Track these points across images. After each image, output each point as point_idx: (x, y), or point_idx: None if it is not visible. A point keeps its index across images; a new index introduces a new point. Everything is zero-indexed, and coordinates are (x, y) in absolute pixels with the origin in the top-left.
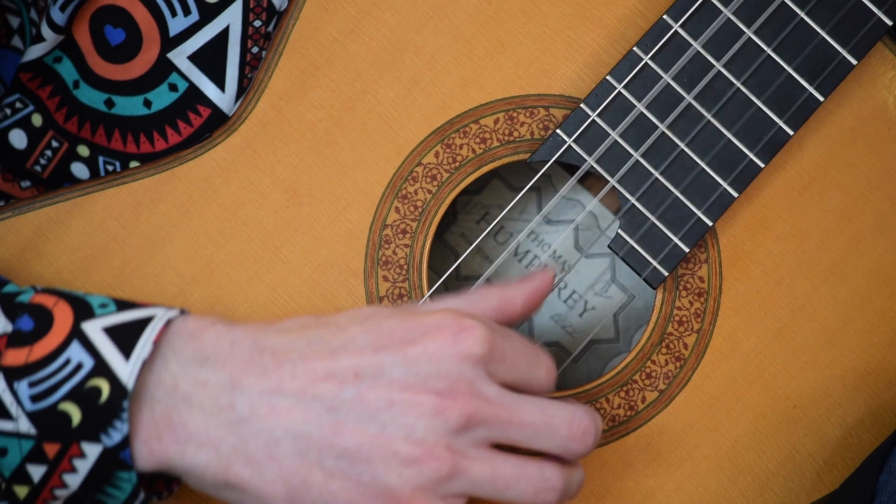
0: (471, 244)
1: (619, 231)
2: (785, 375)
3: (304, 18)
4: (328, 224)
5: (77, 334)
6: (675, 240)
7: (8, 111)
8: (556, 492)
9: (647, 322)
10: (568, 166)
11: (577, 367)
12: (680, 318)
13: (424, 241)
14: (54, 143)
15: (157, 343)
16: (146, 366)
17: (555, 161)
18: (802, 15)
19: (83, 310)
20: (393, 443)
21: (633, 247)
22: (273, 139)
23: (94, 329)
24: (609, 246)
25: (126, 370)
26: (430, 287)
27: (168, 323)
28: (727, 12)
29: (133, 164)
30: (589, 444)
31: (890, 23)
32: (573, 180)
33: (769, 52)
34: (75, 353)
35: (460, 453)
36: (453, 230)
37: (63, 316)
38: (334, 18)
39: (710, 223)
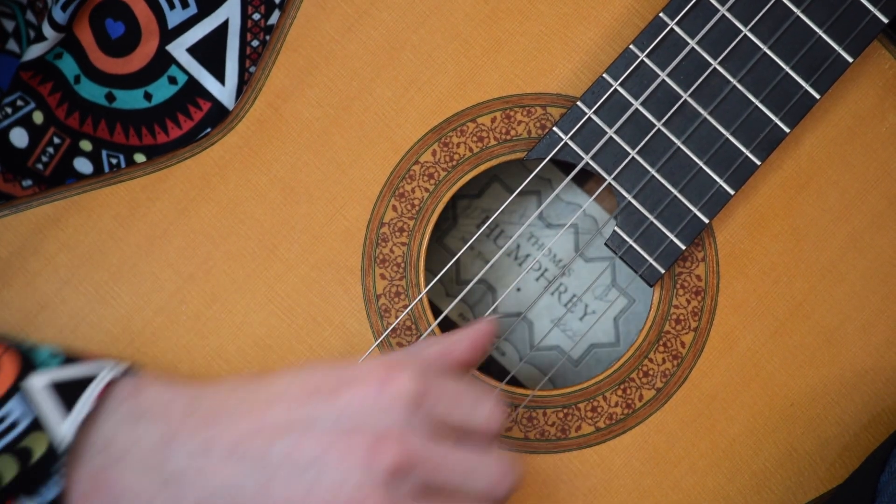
0: (471, 248)
1: (616, 229)
2: (782, 374)
3: (302, 17)
4: (325, 222)
5: (19, 388)
6: (672, 237)
7: (9, 110)
8: None
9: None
10: (566, 167)
11: (577, 370)
12: (677, 317)
13: (422, 240)
14: (56, 140)
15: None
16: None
17: (552, 160)
18: (798, 13)
19: (29, 361)
20: (326, 496)
21: (630, 245)
22: (270, 138)
23: (37, 384)
24: (606, 244)
25: (63, 429)
26: (426, 285)
27: (112, 382)
28: (723, 10)
29: (137, 155)
30: (506, 489)
31: (886, 20)
32: (569, 177)
33: (765, 49)
34: (15, 408)
35: (394, 501)
36: (454, 234)
37: (7, 368)
38: (332, 17)
39: (706, 220)
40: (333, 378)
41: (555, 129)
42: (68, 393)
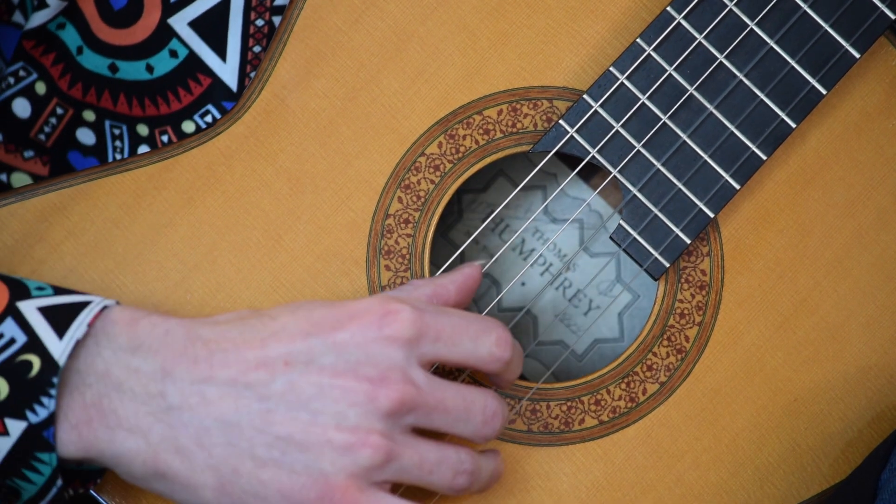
0: (476, 242)
1: (621, 222)
2: (786, 369)
3: (309, 8)
4: (331, 213)
5: (12, 311)
6: (677, 231)
7: (11, 80)
8: (468, 475)
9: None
10: (572, 162)
11: (581, 365)
12: (682, 311)
13: (427, 231)
14: (59, 111)
15: (92, 328)
16: (80, 351)
17: (557, 153)
18: (806, 8)
19: (19, 290)
20: (326, 430)
21: (635, 238)
22: (276, 128)
23: (29, 308)
24: (611, 237)
25: (59, 348)
26: (431, 277)
27: (104, 309)
28: (730, 4)
29: (140, 126)
30: (497, 428)
31: (893, 17)
32: (576, 171)
33: (772, 44)
34: (8, 328)
35: (393, 439)
36: (459, 228)
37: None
38: (339, 8)
39: (711, 215)
40: (332, 315)
41: (561, 122)
42: (62, 316)
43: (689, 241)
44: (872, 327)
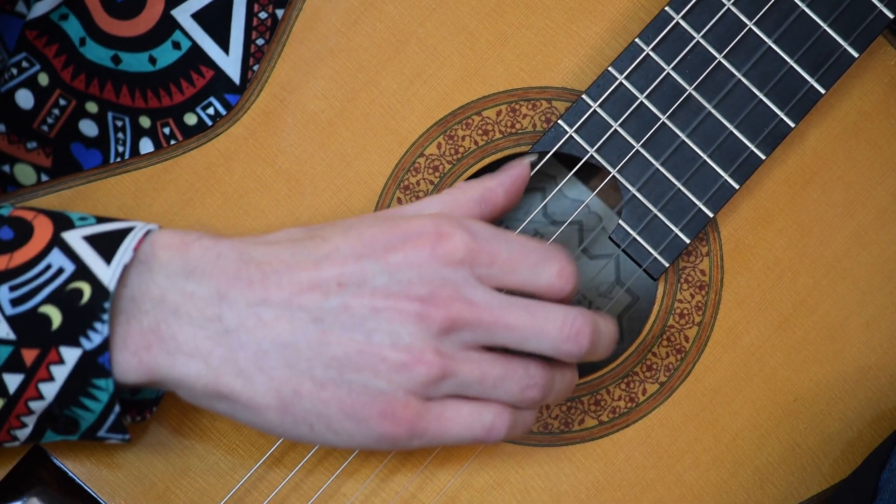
0: None
1: (621, 222)
2: (786, 369)
3: (308, 9)
4: (330, 214)
5: (57, 242)
6: (676, 231)
7: (14, 71)
8: (539, 388)
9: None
10: (571, 163)
11: (582, 368)
12: (681, 311)
13: None
14: (62, 102)
15: (142, 254)
16: (133, 277)
17: (556, 154)
18: (804, 7)
19: (63, 221)
20: (380, 350)
21: (634, 238)
22: (275, 129)
23: (74, 238)
24: (610, 237)
25: (107, 273)
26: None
27: (148, 233)
28: (728, 4)
29: (142, 119)
30: (584, 345)
31: (891, 16)
32: (574, 169)
33: (770, 43)
34: (56, 258)
35: (448, 356)
36: None
37: (43, 227)
38: (337, 9)
39: (710, 214)
40: (385, 236)
41: (560, 122)
42: (107, 243)
43: (688, 241)
44: (872, 327)
